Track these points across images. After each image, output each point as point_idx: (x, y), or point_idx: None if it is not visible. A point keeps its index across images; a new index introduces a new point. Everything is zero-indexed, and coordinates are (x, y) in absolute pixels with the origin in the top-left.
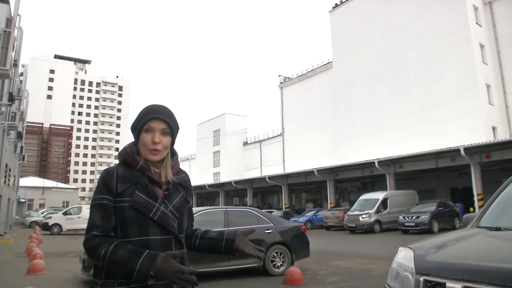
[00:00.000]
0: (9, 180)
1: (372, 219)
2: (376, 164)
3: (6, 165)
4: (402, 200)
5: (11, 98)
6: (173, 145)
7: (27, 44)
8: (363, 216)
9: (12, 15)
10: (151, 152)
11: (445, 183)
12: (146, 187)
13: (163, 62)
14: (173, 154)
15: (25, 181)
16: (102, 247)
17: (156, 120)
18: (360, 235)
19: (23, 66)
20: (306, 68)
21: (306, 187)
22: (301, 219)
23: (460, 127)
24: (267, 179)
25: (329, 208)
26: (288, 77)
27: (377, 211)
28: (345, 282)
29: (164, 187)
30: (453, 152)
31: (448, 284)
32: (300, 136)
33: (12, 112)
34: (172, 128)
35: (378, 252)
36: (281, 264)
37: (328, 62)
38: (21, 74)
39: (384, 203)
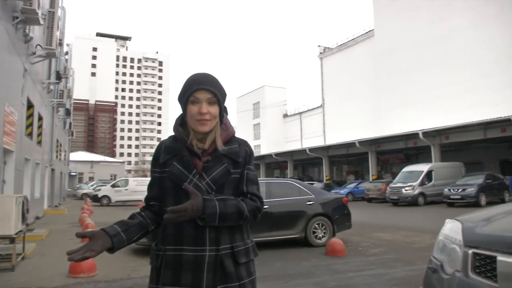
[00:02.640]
0: (60, 155)
1: (416, 192)
2: (421, 135)
3: (57, 141)
4: (447, 173)
5: (59, 77)
6: (221, 112)
7: (70, 23)
8: (406, 188)
9: None
10: (200, 122)
11: (494, 155)
12: (183, 158)
13: (202, 36)
14: (222, 122)
15: (74, 156)
16: None
17: (201, 90)
18: (403, 207)
19: (67, 45)
20: (347, 37)
21: (347, 159)
22: (342, 191)
23: (511, 95)
24: (307, 151)
25: (370, 180)
26: (328, 47)
27: (421, 184)
28: (387, 254)
29: (204, 159)
30: (504, 123)
31: (499, 258)
32: (340, 107)
33: (60, 90)
34: (218, 97)
35: (422, 225)
36: (322, 236)
37: (370, 30)
38: (66, 53)
39: (428, 175)
